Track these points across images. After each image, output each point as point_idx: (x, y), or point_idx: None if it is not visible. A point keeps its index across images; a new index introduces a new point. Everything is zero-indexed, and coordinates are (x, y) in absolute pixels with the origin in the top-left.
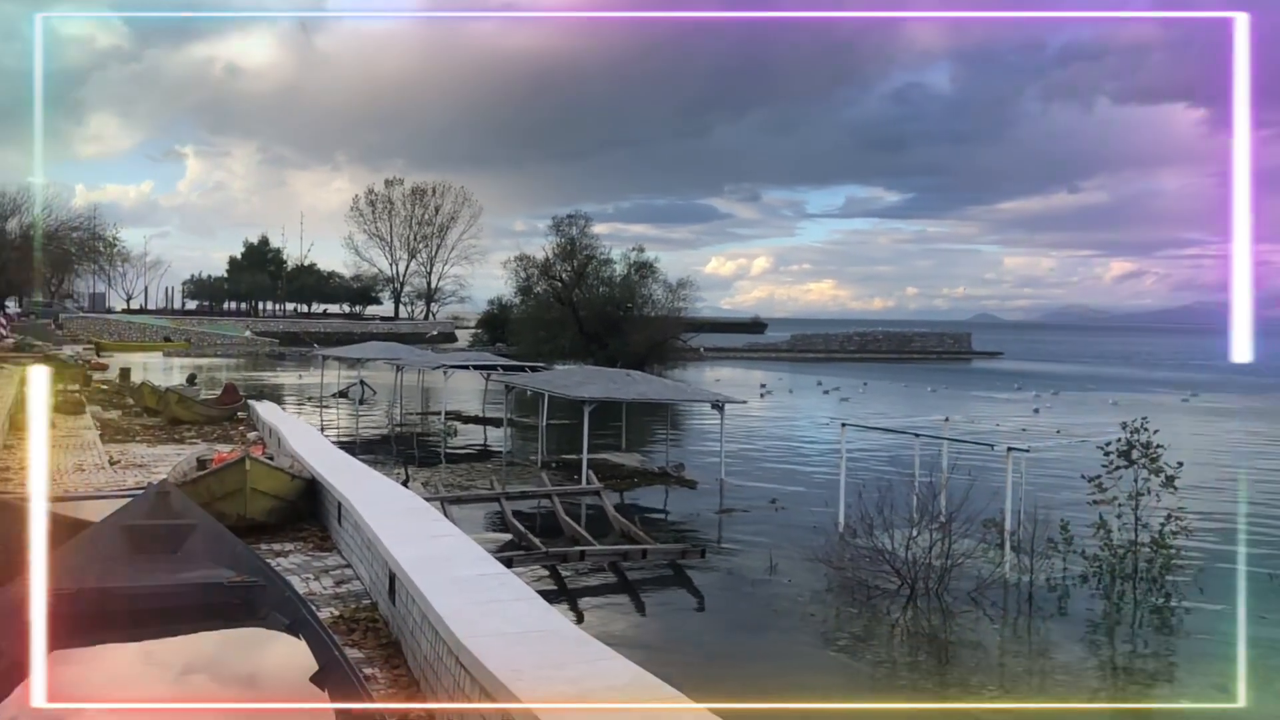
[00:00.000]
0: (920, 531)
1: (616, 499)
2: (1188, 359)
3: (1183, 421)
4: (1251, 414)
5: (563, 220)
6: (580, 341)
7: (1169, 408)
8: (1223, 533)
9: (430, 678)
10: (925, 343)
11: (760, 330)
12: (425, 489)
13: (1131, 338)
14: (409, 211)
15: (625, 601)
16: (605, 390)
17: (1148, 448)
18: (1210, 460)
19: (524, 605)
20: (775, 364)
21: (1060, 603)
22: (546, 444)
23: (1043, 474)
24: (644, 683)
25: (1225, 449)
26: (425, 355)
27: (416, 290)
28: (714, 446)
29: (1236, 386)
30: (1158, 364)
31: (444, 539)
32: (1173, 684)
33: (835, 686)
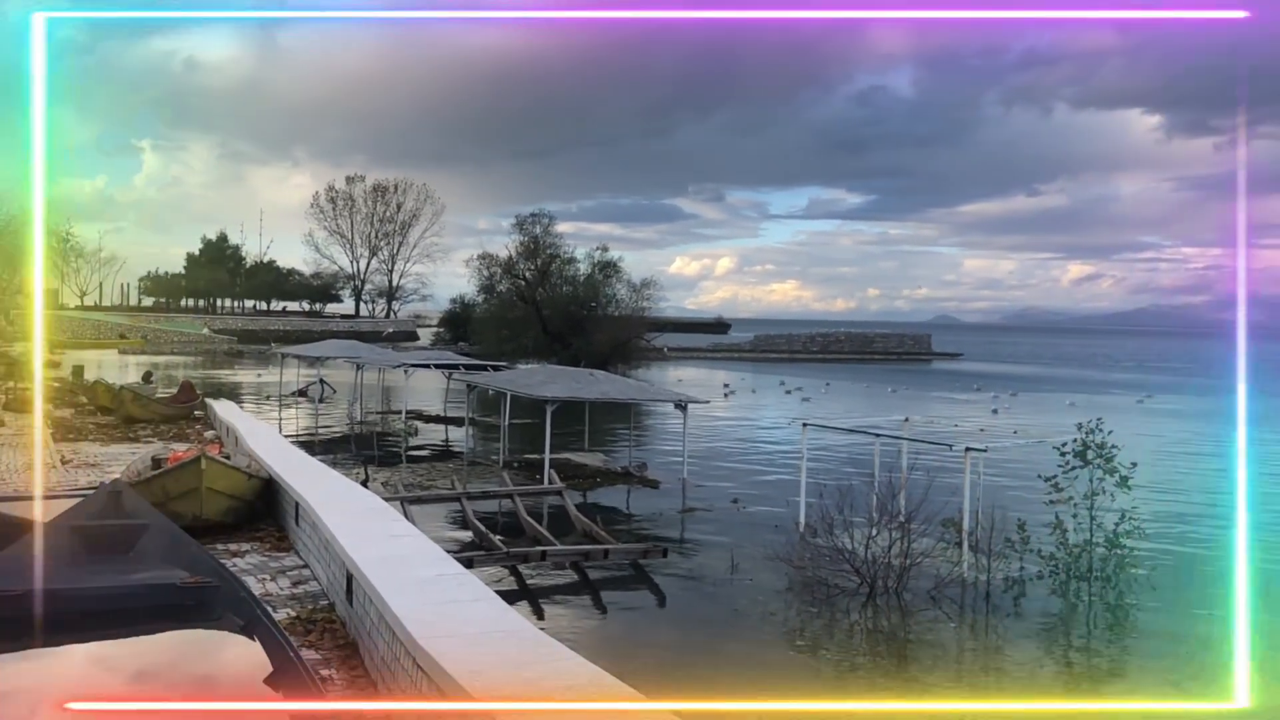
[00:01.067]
0: (880, 531)
1: (579, 499)
2: (1144, 361)
3: (1137, 423)
4: (1203, 415)
5: (526, 219)
6: (543, 341)
7: (1124, 409)
8: (1175, 532)
9: (387, 678)
10: (886, 344)
11: (724, 330)
12: (385, 489)
13: (1089, 340)
14: (370, 209)
15: (587, 601)
16: (568, 390)
17: (1102, 448)
18: (1163, 461)
19: (482, 606)
20: (739, 364)
21: (1017, 601)
22: (509, 444)
23: (1000, 474)
24: (602, 683)
25: (1177, 449)
26: (385, 354)
27: (378, 288)
28: (677, 446)
29: (1190, 389)
30: (1114, 366)
31: (402, 539)
32: (1125, 680)
33: (795, 685)
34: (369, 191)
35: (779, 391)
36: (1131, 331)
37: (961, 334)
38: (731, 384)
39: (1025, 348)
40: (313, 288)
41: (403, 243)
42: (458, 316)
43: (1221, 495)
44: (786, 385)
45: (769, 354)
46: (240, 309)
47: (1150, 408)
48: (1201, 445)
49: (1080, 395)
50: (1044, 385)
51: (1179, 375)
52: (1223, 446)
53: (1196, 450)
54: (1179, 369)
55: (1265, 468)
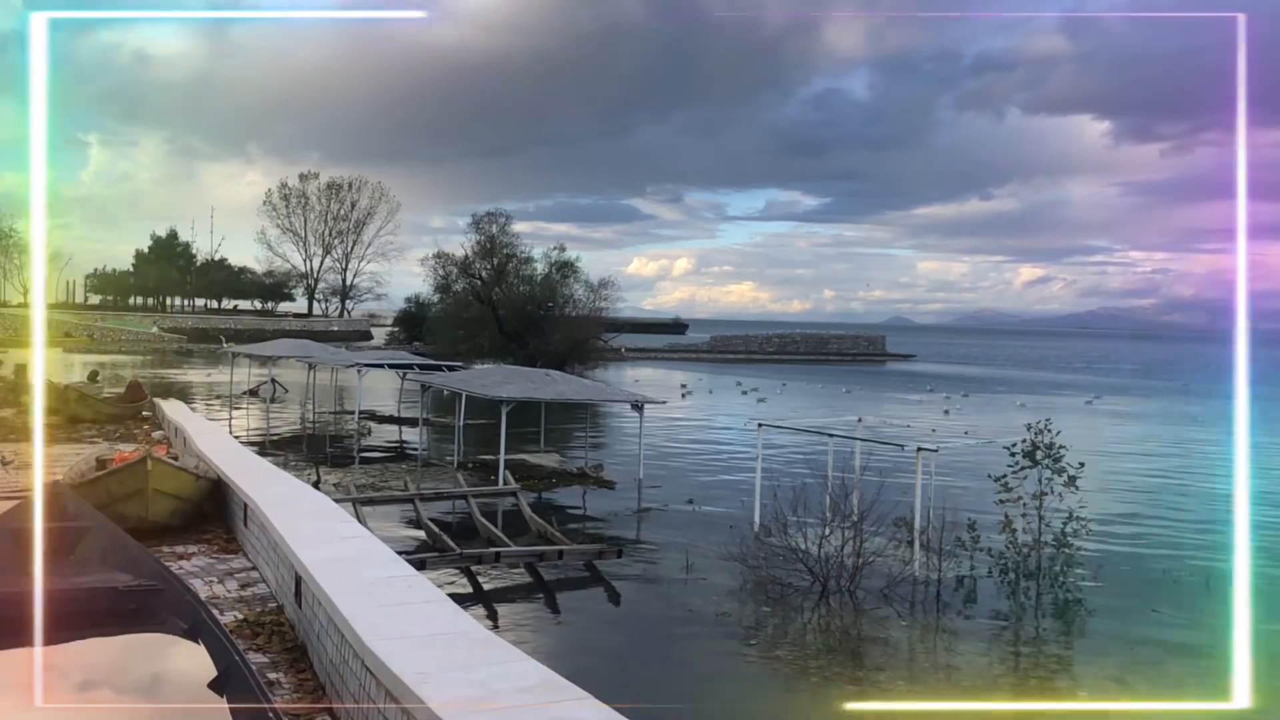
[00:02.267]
0: (833, 530)
1: (534, 499)
2: (1093, 363)
3: (1086, 423)
4: (1149, 417)
5: (482, 218)
6: (500, 340)
7: (1073, 410)
8: (1122, 531)
9: (336, 682)
10: (841, 345)
11: (681, 331)
12: (337, 490)
13: (1039, 341)
14: (324, 206)
15: (541, 602)
16: (524, 390)
17: (1051, 448)
18: (1111, 461)
19: (433, 607)
20: (696, 365)
21: (967, 600)
22: (464, 444)
23: (952, 473)
24: (552, 684)
25: (1124, 450)
26: (338, 354)
27: (331, 287)
28: (633, 447)
29: (1138, 390)
30: (1064, 367)
31: (353, 541)
32: (1072, 678)
33: (749, 684)
34: (323, 189)
35: (735, 392)
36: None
37: (915, 335)
38: (689, 384)
39: (977, 349)
40: (265, 286)
41: (357, 241)
42: (412, 316)
43: (1166, 495)
44: (743, 386)
45: (726, 355)
46: (191, 307)
47: (1098, 408)
48: (1147, 445)
49: (1030, 396)
50: (995, 386)
51: (1127, 377)
52: (1168, 447)
53: (1142, 451)
54: (1128, 370)
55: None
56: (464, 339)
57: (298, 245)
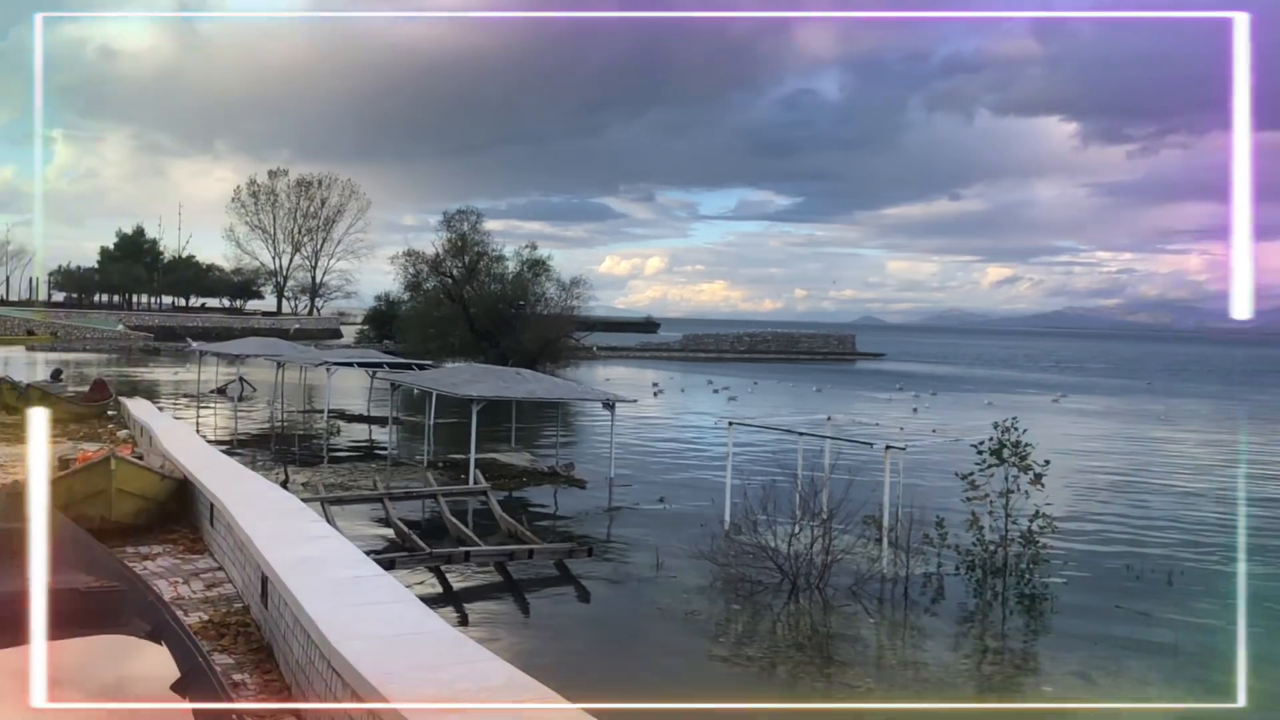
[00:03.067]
0: (802, 528)
1: (504, 498)
2: (1059, 362)
3: (1052, 421)
4: (1114, 415)
5: (454, 216)
6: (470, 339)
7: (1040, 408)
8: (1087, 528)
9: (302, 682)
10: (812, 344)
11: (653, 330)
12: (305, 489)
13: (1007, 340)
14: (293, 204)
15: (510, 602)
16: (494, 389)
17: (1017, 446)
18: (1076, 458)
19: (400, 607)
20: (667, 363)
21: (935, 597)
22: (434, 443)
23: (920, 471)
24: (518, 683)
25: (1089, 448)
26: (307, 352)
27: (301, 285)
28: (605, 445)
29: (1103, 389)
30: (1031, 366)
31: (320, 540)
32: (1037, 674)
33: (718, 683)
34: (292, 186)
35: (707, 390)
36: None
37: (885, 334)
38: (660, 383)
39: (946, 348)
40: (233, 284)
41: (326, 239)
42: (383, 314)
43: (1130, 493)
44: (714, 384)
45: (698, 353)
46: (157, 305)
47: (1065, 407)
48: (1111, 443)
49: (998, 395)
50: (963, 385)
51: (1092, 376)
52: (1132, 444)
53: (1106, 448)
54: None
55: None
56: (435, 337)
57: (267, 243)
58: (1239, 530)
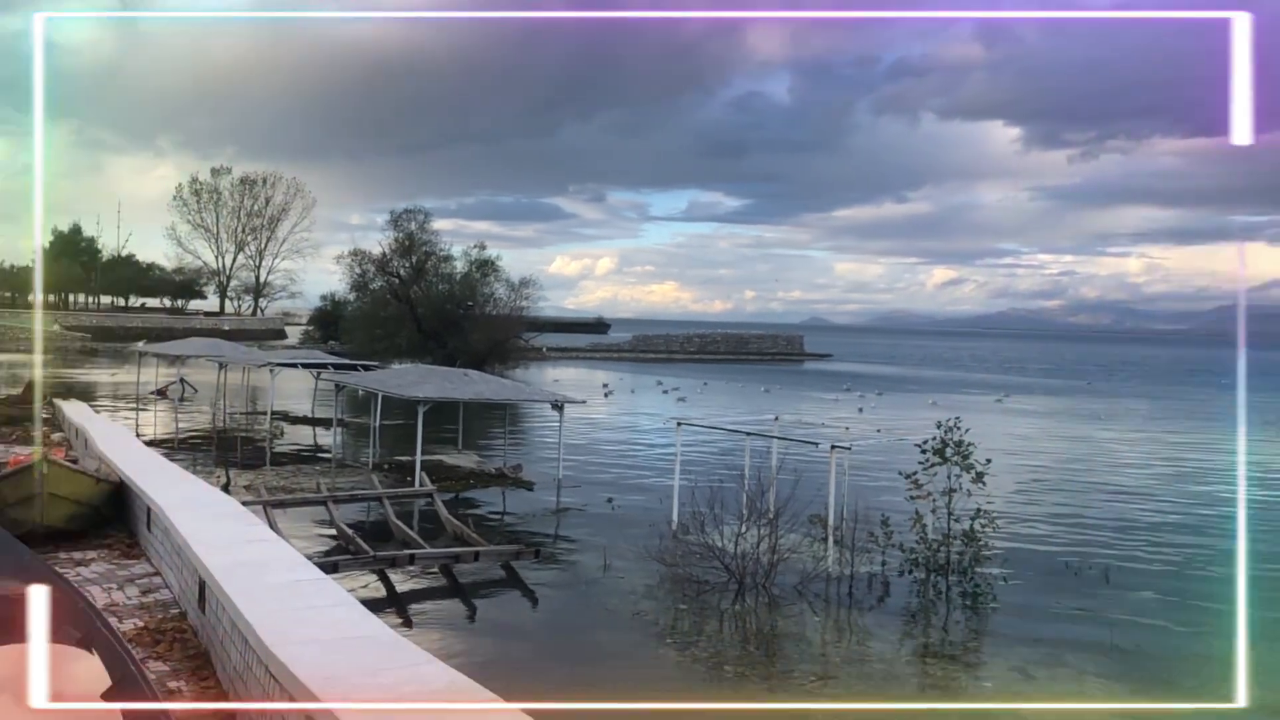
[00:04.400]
0: (749, 527)
1: (451, 500)
2: (1002, 362)
3: (995, 421)
4: (1055, 415)
5: (401, 215)
6: (418, 340)
7: (983, 408)
8: (1028, 526)
9: (240, 689)
10: (761, 344)
11: (603, 330)
12: (248, 492)
13: (951, 341)
14: (237, 202)
15: (456, 605)
16: (441, 390)
17: (960, 446)
18: (1018, 458)
19: (341, 611)
20: (618, 364)
21: (880, 595)
22: (379, 445)
23: (865, 471)
24: (460, 686)
25: (1030, 447)
26: (251, 352)
27: (244, 284)
28: (553, 447)
29: (1044, 389)
30: (975, 367)
31: (260, 544)
32: (978, 671)
33: (663, 683)
34: (236, 184)
35: (657, 391)
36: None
37: (833, 335)
38: (610, 384)
39: (892, 349)
40: (175, 283)
41: (271, 238)
42: (328, 314)
43: (1070, 492)
44: (664, 385)
45: (648, 354)
46: (95, 305)
47: (1008, 407)
48: (1052, 443)
49: (942, 395)
50: (909, 385)
51: (1034, 376)
52: (1073, 444)
53: (1047, 448)
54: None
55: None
56: (381, 338)
57: (209, 241)
58: (1238, 529)
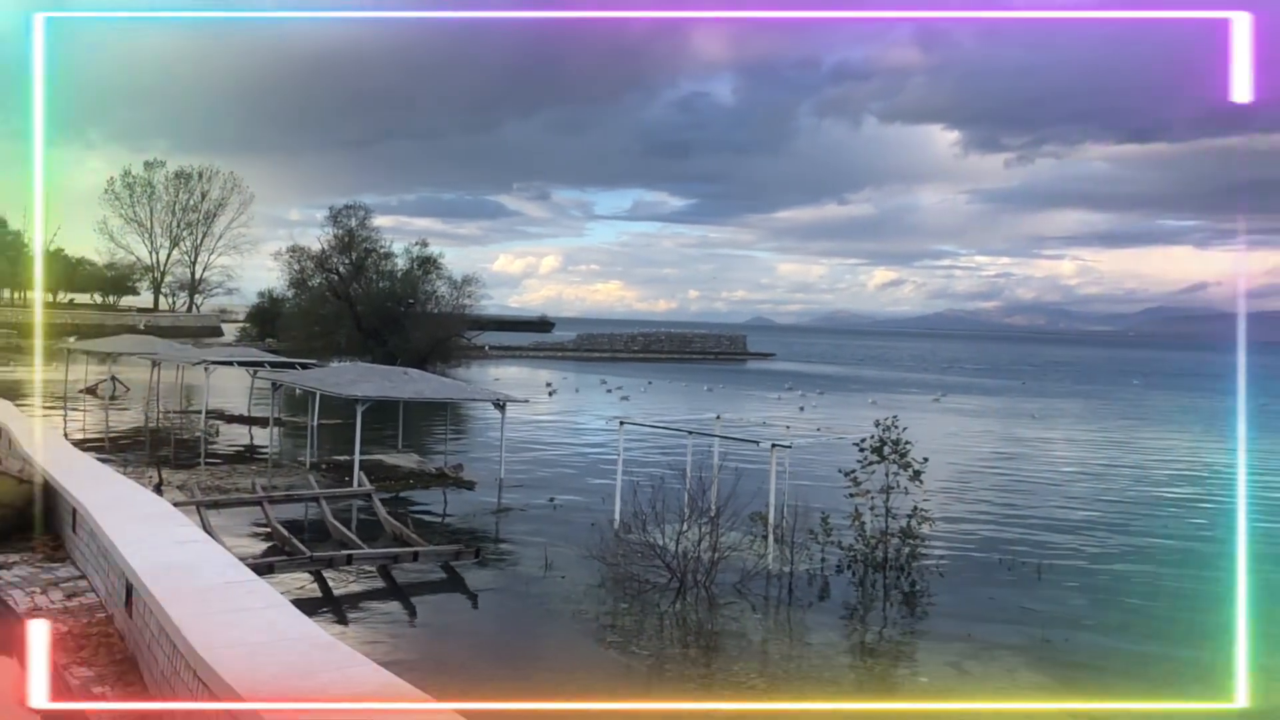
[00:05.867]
0: (690, 526)
1: (390, 501)
2: (940, 362)
3: (933, 420)
4: (991, 414)
5: (341, 211)
6: (357, 338)
7: (921, 407)
8: (964, 523)
9: (166, 693)
10: (705, 344)
11: (547, 329)
12: (180, 493)
13: (891, 341)
14: (172, 196)
15: (395, 605)
16: (380, 389)
17: (897, 444)
18: (954, 456)
19: (273, 613)
20: (561, 363)
21: (819, 591)
22: (318, 445)
23: (805, 469)
24: (393, 687)
25: (966, 446)
26: (185, 350)
27: (179, 281)
28: (496, 446)
29: (980, 389)
30: (913, 366)
31: (190, 545)
32: (914, 665)
33: (601, 681)
34: (171, 178)
35: (601, 390)
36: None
37: (775, 335)
38: (554, 383)
39: (834, 349)
40: (106, 279)
41: (207, 233)
42: (266, 312)
43: (1004, 489)
44: (608, 384)
45: (592, 353)
46: (22, 301)
47: (945, 406)
48: (988, 441)
49: (882, 394)
50: (850, 385)
51: (971, 376)
52: (1008, 443)
53: (983, 446)
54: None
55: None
56: (320, 336)
57: (143, 237)
58: (1237, 527)
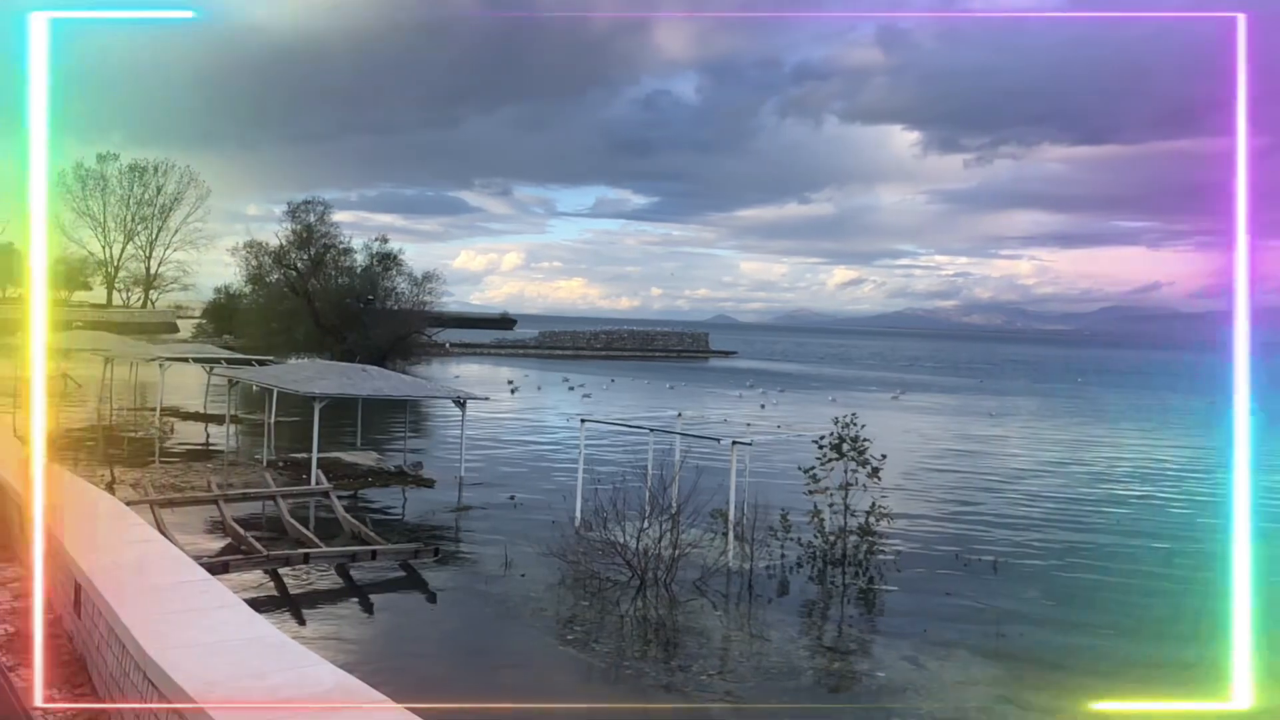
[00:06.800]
0: (651, 523)
1: (349, 499)
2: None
3: (891, 417)
4: (949, 411)
5: (299, 206)
6: (316, 334)
7: (880, 405)
8: (921, 519)
9: (116, 695)
10: (667, 342)
11: (509, 326)
12: (133, 491)
13: (851, 339)
14: (126, 190)
15: (353, 604)
16: (338, 386)
17: (855, 441)
18: (912, 453)
19: (225, 613)
20: (524, 361)
21: (778, 588)
22: (275, 442)
23: (766, 466)
24: (348, 687)
25: (924, 443)
26: (139, 346)
27: (134, 276)
28: (456, 444)
29: (939, 387)
30: (873, 364)
31: (141, 545)
32: (872, 661)
33: (560, 680)
34: (124, 171)
35: (563, 388)
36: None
37: (738, 333)
38: (516, 381)
39: (795, 347)
40: (57, 274)
41: (162, 228)
42: (222, 308)
43: (961, 485)
44: (570, 382)
45: (554, 350)
46: None
47: (904, 403)
48: (945, 438)
49: (841, 392)
50: (811, 383)
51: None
52: (965, 440)
53: (940, 443)
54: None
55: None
56: (278, 332)
57: (95, 231)
58: (1238, 526)
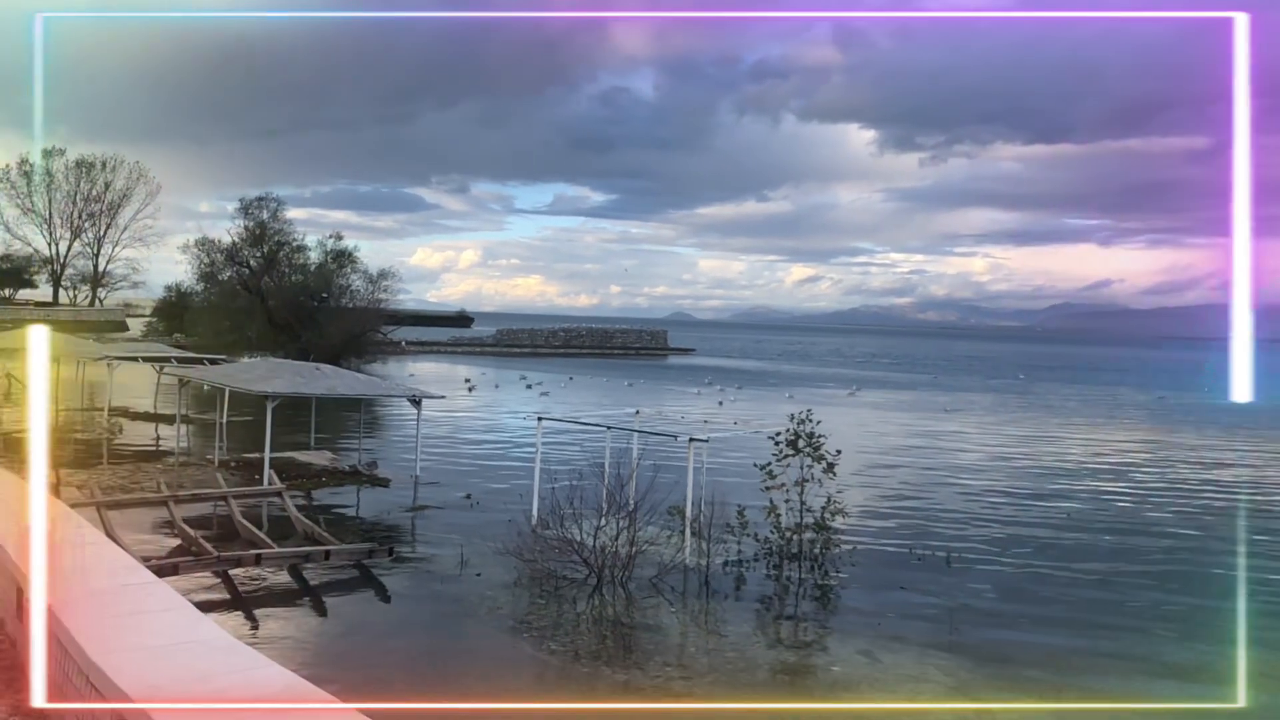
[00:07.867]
0: (607, 521)
1: (302, 500)
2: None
3: (847, 413)
4: (903, 407)
5: (252, 203)
6: (269, 333)
7: (836, 401)
8: (876, 515)
9: (58, 700)
10: (626, 339)
11: (467, 324)
12: (80, 492)
13: (809, 336)
14: (73, 186)
15: (305, 606)
16: (291, 385)
17: (811, 438)
18: (868, 449)
19: (172, 615)
20: (481, 359)
21: (735, 584)
22: (227, 442)
23: (723, 463)
24: (297, 689)
25: (879, 439)
26: (86, 345)
27: (81, 274)
28: (411, 443)
29: (894, 383)
30: (829, 361)
31: (86, 547)
32: (828, 655)
33: (515, 679)
34: (71, 167)
35: (521, 386)
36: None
37: (696, 330)
38: (473, 379)
39: (753, 344)
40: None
41: (111, 225)
42: (173, 306)
43: (916, 481)
44: (528, 380)
45: (512, 348)
46: None
47: (860, 400)
48: (900, 434)
49: (798, 389)
50: (768, 380)
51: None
52: (919, 436)
53: (895, 439)
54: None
55: None
56: (230, 331)
57: (41, 228)
58: (1237, 525)
